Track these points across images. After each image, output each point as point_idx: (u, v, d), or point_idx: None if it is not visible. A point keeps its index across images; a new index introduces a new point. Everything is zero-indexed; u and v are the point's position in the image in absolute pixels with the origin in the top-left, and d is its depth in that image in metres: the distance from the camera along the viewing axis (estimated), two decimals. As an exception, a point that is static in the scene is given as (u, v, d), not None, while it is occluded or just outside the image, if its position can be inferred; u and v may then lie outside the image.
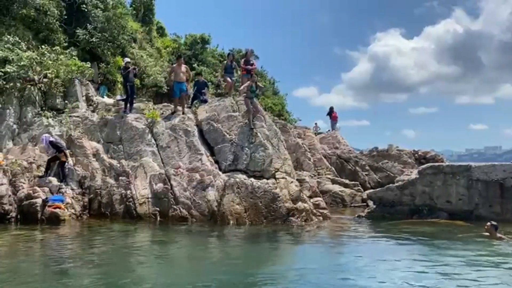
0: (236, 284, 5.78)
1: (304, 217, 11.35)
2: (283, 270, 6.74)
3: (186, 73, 13.84)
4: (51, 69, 13.87)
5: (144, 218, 11.17)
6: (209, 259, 7.57)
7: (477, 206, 11.68)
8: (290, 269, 6.76)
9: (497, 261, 7.04)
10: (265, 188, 11.33)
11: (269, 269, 6.77)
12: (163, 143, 12.72)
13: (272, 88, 32.50)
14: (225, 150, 12.56)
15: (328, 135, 22.84)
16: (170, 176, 11.59)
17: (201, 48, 26.33)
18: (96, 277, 5.99)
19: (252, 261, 7.35)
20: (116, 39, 17.28)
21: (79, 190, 11.75)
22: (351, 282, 5.91)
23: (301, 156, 17.98)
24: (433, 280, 5.92)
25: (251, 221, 10.93)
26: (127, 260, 7.25)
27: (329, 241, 9.70)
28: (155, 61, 19.79)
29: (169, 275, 6.27)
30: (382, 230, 10.63)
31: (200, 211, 11.12)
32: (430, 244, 8.69)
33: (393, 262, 7.16)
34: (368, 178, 18.69)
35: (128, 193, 11.54)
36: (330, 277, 6.14)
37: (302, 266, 6.80)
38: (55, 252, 7.84)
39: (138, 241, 9.27)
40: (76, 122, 13.47)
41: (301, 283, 5.88)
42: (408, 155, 19.85)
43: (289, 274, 6.39)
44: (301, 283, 5.87)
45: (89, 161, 12.30)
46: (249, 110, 12.61)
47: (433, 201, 12.08)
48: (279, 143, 12.88)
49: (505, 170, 11.64)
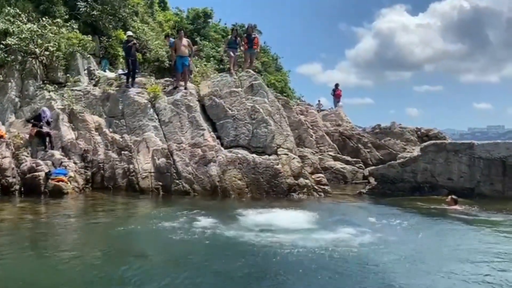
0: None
1: (306, 193, 11.42)
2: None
3: (188, 46, 13.69)
4: (52, 42, 13.74)
5: (147, 192, 11.26)
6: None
7: (478, 183, 11.69)
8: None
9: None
10: (267, 164, 11.36)
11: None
12: (165, 118, 12.70)
13: (275, 64, 32.15)
14: (227, 125, 12.55)
15: (330, 112, 22.71)
16: (173, 151, 11.61)
17: (203, 22, 25.93)
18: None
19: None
20: (118, 12, 17.03)
21: (81, 164, 11.81)
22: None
23: (303, 133, 17.92)
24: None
25: (252, 196, 11.01)
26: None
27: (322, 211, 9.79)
28: (157, 35, 19.55)
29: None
30: (379, 205, 10.78)
31: (202, 186, 11.19)
32: (414, 216, 9.17)
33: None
34: (370, 155, 18.66)
35: (131, 167, 11.59)
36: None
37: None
38: (56, 223, 7.96)
39: (140, 212, 9.37)
40: (78, 96, 13.43)
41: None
42: (411, 133, 19.78)
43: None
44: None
45: (91, 135, 12.32)
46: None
47: (434, 178, 12.09)
48: (281, 120, 12.84)
49: (508, 148, 11.59)
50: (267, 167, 11.32)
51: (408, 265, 5.51)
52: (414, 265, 5.54)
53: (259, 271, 5.16)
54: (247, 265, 5.32)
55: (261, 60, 27.37)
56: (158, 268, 5.25)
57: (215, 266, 5.32)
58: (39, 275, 5.03)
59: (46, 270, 5.22)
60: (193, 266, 5.36)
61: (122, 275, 4.96)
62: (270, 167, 11.32)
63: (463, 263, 5.60)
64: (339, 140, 19.09)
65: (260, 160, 11.43)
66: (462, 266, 5.48)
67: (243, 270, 5.16)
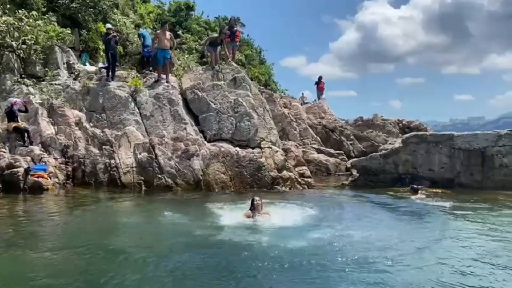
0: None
1: (289, 185, 11.47)
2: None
3: (171, 40, 13.53)
4: (29, 35, 13.41)
5: (129, 187, 11.14)
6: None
7: (458, 174, 11.90)
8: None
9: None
10: (250, 157, 11.35)
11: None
12: (147, 112, 12.56)
13: (259, 57, 32.09)
14: (210, 119, 12.48)
15: (314, 105, 22.79)
16: (155, 145, 11.50)
17: (185, 15, 25.70)
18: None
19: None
20: (98, 5, 16.69)
21: (62, 159, 11.61)
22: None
23: (287, 126, 17.98)
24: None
25: (236, 189, 11.00)
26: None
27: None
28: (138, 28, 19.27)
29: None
30: (356, 196, 11.06)
31: (185, 180, 11.12)
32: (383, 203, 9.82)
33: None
34: (352, 147, 18.84)
35: (112, 162, 11.44)
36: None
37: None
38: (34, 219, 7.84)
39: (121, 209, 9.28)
40: (58, 90, 13.18)
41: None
42: (393, 125, 20.02)
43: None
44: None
45: (71, 130, 12.10)
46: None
47: (415, 169, 12.27)
48: (264, 113, 12.83)
49: (486, 139, 11.80)
50: (251, 160, 11.31)
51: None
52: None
53: (226, 267, 5.13)
54: (215, 261, 5.29)
55: (244, 53, 27.27)
56: (133, 264, 5.21)
57: (190, 262, 5.29)
58: (13, 271, 4.98)
59: (21, 266, 5.15)
60: (170, 260, 5.35)
61: (98, 269, 4.96)
62: (254, 160, 11.31)
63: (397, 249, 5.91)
64: (322, 132, 19.21)
65: (244, 153, 11.42)
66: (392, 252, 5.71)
67: (213, 266, 5.14)
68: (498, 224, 7.39)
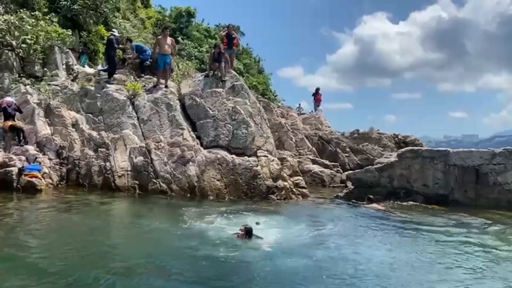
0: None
1: (284, 195, 11.44)
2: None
3: (172, 46, 13.56)
4: (30, 34, 13.42)
5: (123, 190, 11.08)
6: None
7: (452, 190, 11.92)
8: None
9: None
10: (246, 165, 11.34)
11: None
12: (144, 116, 12.55)
13: (257, 67, 32.20)
14: (207, 125, 12.48)
15: (310, 116, 22.89)
16: (151, 150, 11.48)
17: (186, 21, 25.82)
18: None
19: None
20: (99, 8, 16.77)
21: (56, 160, 11.56)
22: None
23: (283, 136, 18.00)
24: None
25: (231, 197, 10.97)
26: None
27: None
28: (139, 32, 19.34)
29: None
30: (350, 209, 11.03)
31: (180, 186, 11.08)
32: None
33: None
34: (348, 159, 18.87)
35: (107, 165, 11.39)
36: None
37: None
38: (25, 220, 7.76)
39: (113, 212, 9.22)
40: (55, 91, 13.15)
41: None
42: (388, 139, 20.10)
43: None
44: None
45: (68, 131, 12.07)
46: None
47: (410, 184, 12.29)
48: (262, 121, 12.85)
49: (481, 156, 11.85)
50: (246, 168, 11.30)
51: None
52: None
53: (213, 275, 5.14)
54: (202, 271, 5.29)
55: (243, 62, 27.37)
56: (118, 268, 5.19)
57: (175, 270, 5.29)
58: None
59: (10, 266, 5.11)
60: (157, 267, 5.35)
61: (85, 271, 4.96)
62: (249, 168, 11.30)
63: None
64: (318, 143, 19.23)
65: (240, 161, 11.41)
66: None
67: (198, 274, 5.15)
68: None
